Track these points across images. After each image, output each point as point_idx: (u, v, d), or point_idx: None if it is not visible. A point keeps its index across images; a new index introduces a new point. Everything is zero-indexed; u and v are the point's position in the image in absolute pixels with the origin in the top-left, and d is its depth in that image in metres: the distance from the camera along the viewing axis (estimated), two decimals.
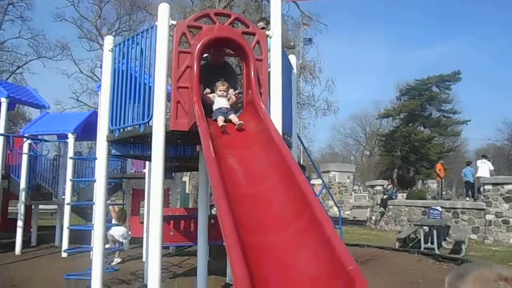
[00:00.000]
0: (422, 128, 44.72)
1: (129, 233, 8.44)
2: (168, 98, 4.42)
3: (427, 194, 21.71)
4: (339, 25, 79.85)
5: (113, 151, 5.15)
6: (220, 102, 4.19)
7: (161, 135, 4.14)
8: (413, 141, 42.71)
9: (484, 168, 14.24)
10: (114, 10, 28.44)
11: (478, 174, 14.12)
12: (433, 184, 27.23)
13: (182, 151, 5.42)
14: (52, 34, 47.64)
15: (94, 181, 5.74)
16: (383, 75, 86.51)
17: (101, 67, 29.06)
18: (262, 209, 2.90)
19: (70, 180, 8.53)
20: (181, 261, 8.45)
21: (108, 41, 5.11)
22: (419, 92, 44.29)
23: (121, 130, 4.81)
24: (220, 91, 4.27)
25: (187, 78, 4.17)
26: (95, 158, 5.47)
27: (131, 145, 5.17)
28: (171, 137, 4.79)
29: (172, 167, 7.53)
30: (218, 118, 3.97)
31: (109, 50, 5.05)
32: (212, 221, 6.63)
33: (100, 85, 9.09)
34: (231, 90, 4.44)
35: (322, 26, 20.26)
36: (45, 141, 9.97)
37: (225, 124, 3.88)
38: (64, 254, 8.60)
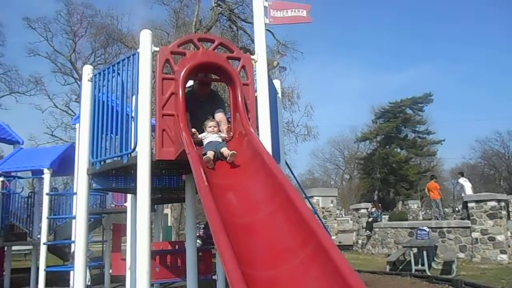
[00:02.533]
0: (399, 150, 45.50)
1: None
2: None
3: (408, 215, 21.79)
4: (314, 53, 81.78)
5: (94, 185, 4.87)
6: (210, 137, 3.90)
7: (146, 165, 3.93)
8: (391, 163, 43.34)
9: (468, 186, 14.43)
10: (89, 43, 28.26)
11: (467, 192, 14.08)
12: (413, 205, 27.42)
13: (168, 182, 5.19)
14: (25, 69, 46.83)
15: (73, 217, 5.41)
16: (358, 99, 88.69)
17: (76, 101, 28.57)
18: (262, 240, 2.70)
19: (47, 218, 8.07)
20: None
21: (87, 71, 4.93)
22: (393, 115, 45.33)
23: (102, 162, 4.57)
24: (210, 127, 4.00)
25: (172, 105, 4.02)
26: (74, 193, 5.16)
27: (113, 177, 4.91)
28: (156, 167, 4.57)
29: (155, 199, 7.24)
30: (208, 152, 3.63)
31: (88, 80, 4.87)
32: (200, 254, 6.34)
33: (76, 118, 8.80)
34: (222, 121, 4.27)
35: (298, 54, 20.61)
36: (19, 177, 9.51)
37: (211, 158, 3.56)
38: None
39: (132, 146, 4.15)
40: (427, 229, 11.46)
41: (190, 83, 4.70)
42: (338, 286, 2.22)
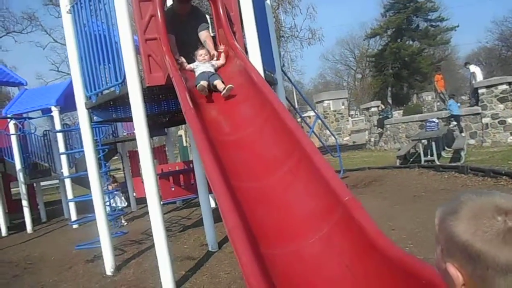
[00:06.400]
0: (411, 42, 43.68)
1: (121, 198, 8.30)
2: (138, 53, 4.18)
3: (423, 108, 21.67)
4: None
5: (95, 117, 4.97)
6: (202, 67, 3.67)
7: (138, 94, 3.96)
8: (403, 57, 41.99)
9: (479, 72, 13.94)
10: None
11: (478, 79, 13.65)
12: (427, 97, 27.10)
13: (166, 106, 5.25)
14: (17, 7, 44.94)
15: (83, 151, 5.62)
16: None
17: None
18: (251, 154, 2.81)
19: (60, 154, 8.43)
20: (189, 213, 8.58)
21: (64, 2, 4.74)
22: (403, 5, 42.72)
23: (98, 95, 4.61)
24: (200, 55, 3.80)
25: (154, 29, 3.91)
26: (78, 128, 5.31)
27: (112, 108, 4.99)
28: (150, 93, 4.62)
29: (163, 123, 7.40)
30: (201, 82, 3.45)
31: (67, 12, 4.71)
32: None
33: None
34: (207, 39, 4.12)
35: None
36: (30, 118, 9.73)
37: (205, 86, 3.41)
38: (75, 226, 8.72)
39: (122, 76, 4.14)
40: (436, 120, 11.48)
41: (170, 2, 4.51)
42: (323, 190, 2.34)
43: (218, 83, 3.45)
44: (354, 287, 1.96)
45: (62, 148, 8.59)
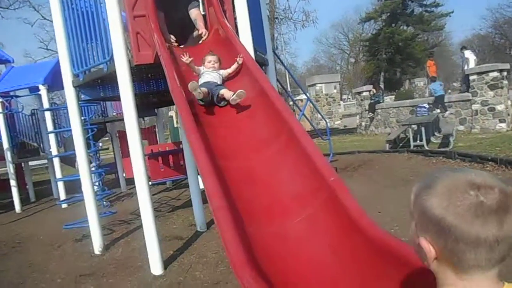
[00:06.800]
0: (405, 27, 43.52)
1: None
2: (126, 30, 4.10)
3: (414, 93, 21.76)
4: None
5: (82, 96, 4.90)
6: (209, 76, 3.22)
7: (126, 72, 3.90)
8: (397, 42, 41.88)
9: (472, 59, 13.90)
10: None
11: (470, 66, 13.61)
12: (420, 83, 27.15)
13: (155, 86, 5.18)
14: None
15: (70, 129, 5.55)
16: None
17: None
18: (239, 134, 2.79)
19: (47, 133, 8.34)
20: (178, 194, 8.60)
21: None
22: None
23: (86, 72, 4.53)
24: (209, 62, 3.32)
25: (142, 5, 3.82)
26: (65, 107, 5.23)
27: (99, 87, 4.91)
28: (139, 72, 4.55)
29: (153, 103, 7.32)
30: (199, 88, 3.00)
31: None
32: None
33: None
34: (197, 18, 4.03)
35: None
36: (16, 96, 9.56)
37: (198, 87, 2.96)
38: (63, 205, 8.69)
39: (110, 54, 4.07)
40: (427, 106, 11.54)
41: None
42: (310, 171, 2.34)
43: (225, 92, 3.01)
44: (337, 266, 1.98)
45: (50, 127, 8.48)
